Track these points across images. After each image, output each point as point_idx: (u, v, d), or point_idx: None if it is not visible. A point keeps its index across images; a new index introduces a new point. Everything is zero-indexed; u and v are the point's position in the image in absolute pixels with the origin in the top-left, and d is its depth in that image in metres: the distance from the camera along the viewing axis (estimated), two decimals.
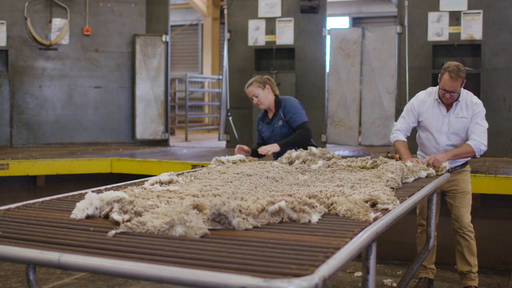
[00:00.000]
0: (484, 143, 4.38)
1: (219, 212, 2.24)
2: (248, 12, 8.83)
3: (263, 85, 4.90)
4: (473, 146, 4.34)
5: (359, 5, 17.88)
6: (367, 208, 2.60)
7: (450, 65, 4.34)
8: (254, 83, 4.91)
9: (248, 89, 4.93)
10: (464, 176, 4.65)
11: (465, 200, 4.62)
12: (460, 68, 4.32)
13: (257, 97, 4.89)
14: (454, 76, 4.28)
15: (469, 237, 4.60)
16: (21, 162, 6.96)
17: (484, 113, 4.47)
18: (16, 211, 2.63)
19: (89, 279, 5.33)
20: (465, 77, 4.37)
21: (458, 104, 4.47)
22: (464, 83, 4.38)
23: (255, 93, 4.89)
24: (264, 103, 4.94)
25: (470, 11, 7.62)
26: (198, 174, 3.68)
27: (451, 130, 4.49)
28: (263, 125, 5.07)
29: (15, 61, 8.79)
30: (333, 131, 8.55)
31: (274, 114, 4.97)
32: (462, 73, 4.31)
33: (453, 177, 4.59)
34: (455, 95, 4.38)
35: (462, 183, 4.63)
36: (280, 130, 4.93)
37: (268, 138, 5.01)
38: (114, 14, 9.26)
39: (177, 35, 18.93)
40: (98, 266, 1.80)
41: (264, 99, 4.91)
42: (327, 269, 1.71)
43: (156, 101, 9.27)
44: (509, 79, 7.48)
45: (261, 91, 4.89)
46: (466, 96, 4.50)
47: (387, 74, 8.17)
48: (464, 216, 4.60)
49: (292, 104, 4.95)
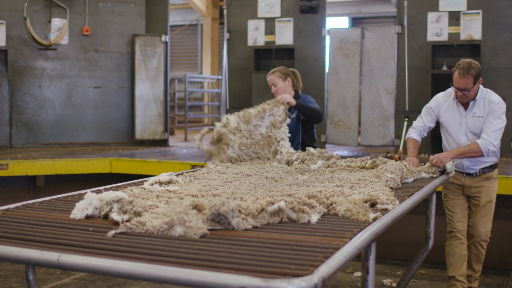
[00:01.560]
0: (494, 142, 4.15)
1: (219, 212, 2.24)
2: (248, 12, 8.84)
3: (285, 76, 4.88)
4: (480, 145, 4.14)
5: (359, 5, 17.88)
6: (367, 208, 2.60)
7: (462, 62, 4.20)
8: (276, 72, 4.89)
9: (270, 77, 4.90)
10: (491, 184, 4.45)
11: (486, 209, 4.43)
12: (472, 65, 4.16)
13: (276, 86, 4.86)
14: (462, 73, 4.13)
15: (481, 246, 4.46)
16: (20, 162, 6.96)
17: (503, 111, 4.23)
18: (16, 211, 2.63)
19: (88, 279, 5.32)
20: (480, 74, 4.20)
21: (476, 103, 4.29)
22: (480, 81, 4.23)
23: (275, 82, 4.86)
24: (281, 93, 4.82)
25: (470, 11, 7.62)
26: (197, 174, 3.68)
27: (469, 130, 4.31)
28: None
29: (14, 61, 8.79)
30: (332, 131, 8.55)
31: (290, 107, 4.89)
32: (473, 70, 4.13)
33: (480, 183, 4.42)
34: (468, 93, 4.20)
35: (488, 191, 4.43)
36: (293, 123, 4.82)
37: None
38: (113, 14, 9.27)
39: (176, 35, 18.93)
40: (97, 266, 1.80)
41: (282, 90, 4.85)
42: (326, 269, 1.71)
43: (155, 101, 9.27)
44: (508, 79, 7.49)
45: (281, 82, 4.86)
46: (486, 94, 4.30)
47: (386, 74, 8.17)
48: (481, 225, 4.42)
49: (309, 99, 4.93)
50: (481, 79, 4.23)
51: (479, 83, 4.24)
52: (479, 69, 4.20)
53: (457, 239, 4.48)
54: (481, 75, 4.24)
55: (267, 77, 4.98)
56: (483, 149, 4.14)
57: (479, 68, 4.22)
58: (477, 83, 4.21)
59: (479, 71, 4.20)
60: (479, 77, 4.20)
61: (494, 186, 4.46)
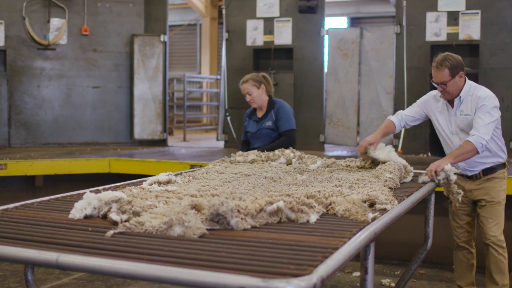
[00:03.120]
0: (484, 137, 3.85)
1: (218, 212, 2.24)
2: (247, 12, 8.84)
3: (259, 84, 4.88)
4: (473, 142, 3.85)
5: (357, 5, 17.89)
6: (365, 208, 2.60)
7: (439, 55, 3.99)
8: (250, 81, 4.88)
9: (243, 86, 4.90)
10: (495, 184, 4.15)
11: (494, 211, 4.13)
12: (447, 57, 3.93)
13: (251, 95, 4.87)
14: (436, 66, 3.93)
15: (496, 252, 4.09)
16: (19, 162, 6.96)
17: (493, 106, 3.94)
18: (14, 211, 2.62)
19: (87, 279, 5.32)
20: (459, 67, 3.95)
21: (463, 101, 4.03)
22: (460, 74, 3.97)
23: (250, 91, 4.87)
24: (257, 102, 4.92)
25: (468, 11, 7.63)
26: (196, 174, 3.68)
27: (459, 129, 4.08)
28: (250, 122, 5.04)
29: (13, 61, 8.78)
30: (331, 131, 8.55)
31: (265, 114, 4.95)
32: (447, 61, 3.90)
33: (482, 185, 4.17)
34: (445, 87, 3.96)
35: (492, 191, 4.15)
36: (267, 131, 4.90)
37: (253, 135, 4.99)
38: (112, 14, 9.26)
39: (175, 35, 18.92)
40: (96, 266, 1.80)
41: (258, 98, 4.90)
42: (325, 269, 1.71)
43: (154, 101, 9.26)
44: (507, 79, 7.49)
45: (256, 90, 4.87)
46: (473, 90, 4.03)
47: (385, 74, 8.18)
48: (490, 228, 4.11)
49: (285, 110, 4.93)
50: (462, 73, 3.98)
51: (460, 77, 3.98)
52: (456, 61, 3.94)
53: (463, 249, 4.34)
54: (461, 68, 3.98)
55: (239, 86, 4.96)
56: (476, 145, 3.84)
57: (457, 60, 3.96)
58: (457, 77, 3.96)
59: (457, 63, 3.95)
60: (457, 69, 3.94)
61: (499, 186, 4.16)
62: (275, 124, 4.90)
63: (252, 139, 5.00)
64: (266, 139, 4.91)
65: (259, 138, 4.94)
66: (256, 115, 5.02)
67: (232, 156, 4.35)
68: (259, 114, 5.00)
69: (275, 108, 4.93)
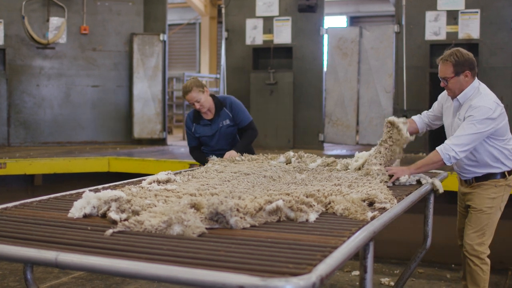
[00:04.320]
0: (456, 149, 3.56)
1: (217, 211, 2.24)
2: (246, 11, 8.84)
3: (202, 88, 4.66)
4: (439, 152, 3.58)
5: (357, 4, 17.89)
6: (365, 207, 2.60)
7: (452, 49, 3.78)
8: (194, 88, 4.62)
9: (189, 96, 4.62)
10: (483, 191, 3.82)
11: (475, 219, 3.82)
12: (455, 52, 3.70)
13: (199, 102, 4.63)
14: (441, 59, 3.73)
15: (472, 262, 3.80)
16: (18, 161, 6.95)
17: (481, 118, 3.59)
18: (14, 210, 2.62)
19: (86, 278, 5.32)
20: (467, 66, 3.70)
21: (463, 105, 3.75)
22: (465, 74, 3.70)
23: (197, 98, 4.62)
24: (206, 106, 4.71)
25: (468, 10, 7.63)
26: (195, 173, 3.68)
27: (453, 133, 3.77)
28: (198, 127, 4.82)
29: (12, 60, 8.78)
30: (330, 130, 8.56)
31: (217, 114, 4.77)
32: (453, 57, 3.67)
33: (472, 189, 3.87)
34: (446, 83, 3.73)
35: (477, 198, 3.83)
36: (227, 129, 4.79)
37: (211, 138, 4.81)
38: (111, 13, 9.25)
39: (174, 34, 18.91)
40: (95, 265, 1.80)
41: (206, 102, 4.69)
42: (324, 268, 1.71)
43: (153, 100, 9.26)
44: (506, 78, 7.50)
45: (202, 95, 4.64)
46: (473, 97, 3.73)
47: (384, 73, 8.18)
48: (468, 235, 3.83)
49: (237, 103, 4.84)
50: (468, 73, 3.70)
51: (465, 76, 3.71)
52: (464, 59, 3.69)
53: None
54: (468, 67, 3.72)
55: (183, 96, 4.74)
56: (442, 156, 3.57)
57: (465, 58, 3.71)
58: (462, 75, 3.70)
59: (465, 61, 3.69)
60: (463, 67, 3.69)
61: (486, 194, 3.82)
62: (233, 120, 4.80)
63: (210, 142, 4.81)
64: (229, 137, 4.81)
65: (221, 139, 4.79)
66: (203, 118, 4.80)
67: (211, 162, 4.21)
68: (208, 116, 4.80)
69: (227, 104, 4.79)
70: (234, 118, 4.80)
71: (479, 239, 3.82)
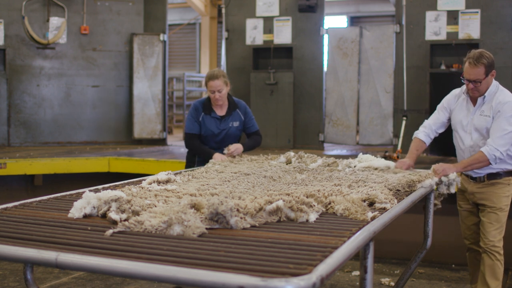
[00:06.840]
0: (500, 149, 3.78)
1: (217, 211, 2.24)
2: (246, 11, 8.84)
3: (227, 80, 4.63)
4: (485, 153, 3.79)
5: (357, 4, 17.89)
6: (365, 207, 2.60)
7: (473, 52, 3.89)
8: (221, 78, 4.57)
9: (215, 82, 4.51)
10: (498, 190, 4.00)
11: (495, 217, 3.99)
12: (483, 54, 3.84)
13: (221, 93, 4.56)
14: (473, 62, 3.81)
15: (493, 256, 3.97)
16: (18, 161, 6.95)
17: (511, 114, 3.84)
18: (14, 210, 2.62)
19: (86, 278, 5.32)
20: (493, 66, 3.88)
21: (486, 100, 3.95)
22: (493, 73, 3.91)
23: (221, 88, 4.54)
24: (224, 99, 4.64)
25: (468, 10, 7.63)
26: (195, 173, 3.68)
27: (474, 129, 3.98)
28: (207, 118, 4.66)
29: (12, 60, 8.78)
30: (331, 130, 8.55)
31: (229, 113, 4.69)
32: (484, 59, 3.81)
33: (484, 188, 4.03)
34: (479, 85, 3.87)
35: (493, 197, 4.00)
36: (234, 131, 4.72)
37: (214, 135, 4.68)
38: (112, 13, 9.26)
39: (175, 34, 18.91)
40: (95, 265, 1.80)
41: (225, 96, 4.63)
42: (324, 268, 1.71)
43: (153, 100, 9.26)
44: (506, 78, 7.49)
45: (225, 88, 4.60)
46: (497, 92, 3.95)
47: (385, 73, 8.18)
48: (490, 233, 3.98)
49: (250, 110, 4.84)
50: (494, 72, 3.91)
51: (492, 76, 3.93)
52: (491, 59, 3.87)
53: (473, 251, 4.27)
54: (493, 67, 3.92)
55: (207, 81, 4.57)
56: (489, 157, 3.80)
57: (492, 58, 3.89)
58: (490, 76, 3.90)
59: (492, 61, 3.88)
60: (491, 68, 3.88)
61: (502, 192, 4.01)
62: (243, 125, 4.76)
63: (211, 138, 4.68)
64: (232, 139, 4.69)
65: (225, 139, 4.68)
66: (214, 111, 4.67)
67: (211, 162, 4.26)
68: (220, 112, 4.68)
69: (242, 107, 4.75)
70: (245, 122, 4.77)
71: (500, 236, 4.01)
